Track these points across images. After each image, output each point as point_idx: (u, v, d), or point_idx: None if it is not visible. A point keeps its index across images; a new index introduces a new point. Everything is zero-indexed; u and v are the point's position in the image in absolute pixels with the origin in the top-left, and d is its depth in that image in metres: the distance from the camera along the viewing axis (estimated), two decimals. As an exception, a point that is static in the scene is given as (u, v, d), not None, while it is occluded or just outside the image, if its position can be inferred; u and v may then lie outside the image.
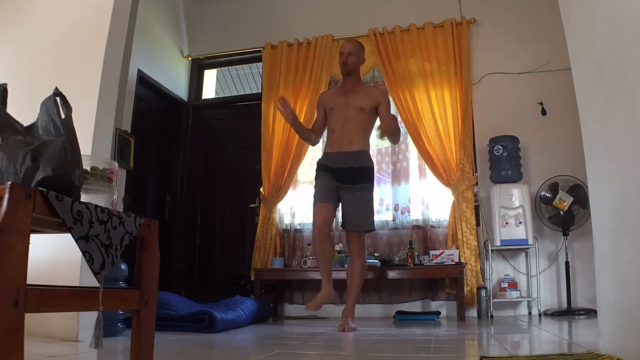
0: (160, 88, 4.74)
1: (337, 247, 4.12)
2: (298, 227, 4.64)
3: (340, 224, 3.57)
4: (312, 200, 3.36)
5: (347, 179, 3.27)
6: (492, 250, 4.03)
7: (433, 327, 3.23)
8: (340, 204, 3.35)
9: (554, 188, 3.88)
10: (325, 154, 3.42)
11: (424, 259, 4.04)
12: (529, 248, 3.96)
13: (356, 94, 3.40)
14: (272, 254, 4.47)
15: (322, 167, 3.36)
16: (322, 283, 3.27)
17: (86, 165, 1.42)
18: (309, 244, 4.42)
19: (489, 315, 3.79)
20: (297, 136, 4.57)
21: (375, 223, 3.46)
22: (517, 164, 4.03)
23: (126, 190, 4.04)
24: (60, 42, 2.87)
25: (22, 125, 1.22)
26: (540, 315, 3.86)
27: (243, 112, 5.13)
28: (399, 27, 4.56)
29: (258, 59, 5.05)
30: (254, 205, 4.78)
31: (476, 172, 4.31)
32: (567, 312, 3.75)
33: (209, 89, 5.47)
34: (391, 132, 3.27)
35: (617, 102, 1.72)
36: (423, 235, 4.32)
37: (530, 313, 4.01)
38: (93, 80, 2.71)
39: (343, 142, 3.32)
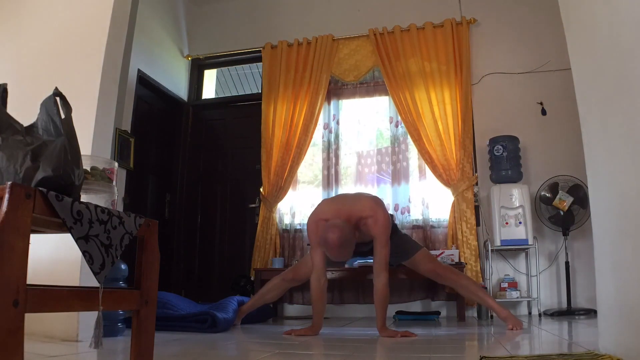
0: (160, 88, 4.74)
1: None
2: (298, 227, 4.63)
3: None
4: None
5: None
6: (492, 250, 4.03)
7: (433, 327, 3.23)
8: None
9: (554, 188, 3.88)
10: None
11: (424, 259, 4.03)
12: (529, 248, 3.95)
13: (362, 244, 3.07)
14: (272, 254, 4.47)
15: None
16: (247, 305, 3.40)
17: (86, 165, 1.41)
18: (308, 244, 4.41)
19: (489, 315, 3.78)
20: (297, 136, 4.59)
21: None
22: (517, 164, 4.03)
23: (126, 190, 4.05)
24: (60, 42, 2.86)
25: (22, 125, 1.22)
26: (540, 315, 3.86)
27: (243, 112, 5.13)
28: (399, 27, 4.56)
29: (258, 59, 5.05)
30: (254, 205, 4.78)
31: (476, 172, 4.31)
32: (567, 312, 3.75)
33: (209, 89, 5.47)
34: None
35: (617, 102, 1.72)
36: (423, 235, 4.32)
37: (530, 313, 4.01)
38: (93, 80, 2.70)
39: None
